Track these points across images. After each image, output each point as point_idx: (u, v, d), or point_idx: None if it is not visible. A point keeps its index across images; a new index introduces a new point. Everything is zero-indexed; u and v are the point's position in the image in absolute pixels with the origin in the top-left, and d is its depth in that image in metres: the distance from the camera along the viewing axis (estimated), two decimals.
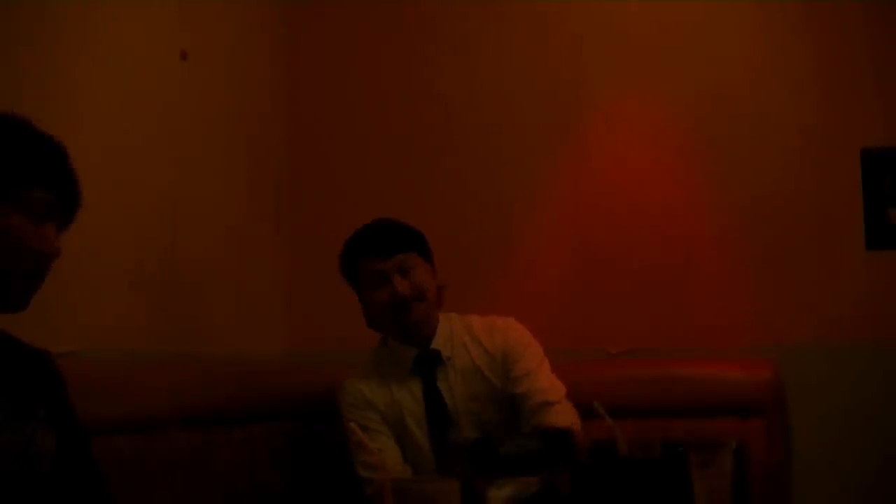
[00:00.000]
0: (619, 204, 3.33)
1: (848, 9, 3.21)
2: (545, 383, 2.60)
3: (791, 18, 3.28)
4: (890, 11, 3.18)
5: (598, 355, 3.25)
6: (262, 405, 2.78)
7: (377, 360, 2.69)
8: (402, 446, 2.63)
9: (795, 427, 3.11)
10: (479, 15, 3.49)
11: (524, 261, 3.39)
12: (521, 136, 3.43)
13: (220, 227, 3.15)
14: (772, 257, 3.23)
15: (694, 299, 3.26)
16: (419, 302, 2.58)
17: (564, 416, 2.53)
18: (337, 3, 3.62)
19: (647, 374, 3.11)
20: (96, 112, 2.61)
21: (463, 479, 1.85)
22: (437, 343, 2.64)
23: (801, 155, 3.23)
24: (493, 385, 2.62)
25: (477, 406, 2.61)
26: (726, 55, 3.32)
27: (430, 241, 2.79)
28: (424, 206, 3.34)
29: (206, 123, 3.08)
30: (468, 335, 2.67)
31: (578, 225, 3.36)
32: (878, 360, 3.08)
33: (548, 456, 2.11)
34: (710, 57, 3.32)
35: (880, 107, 3.17)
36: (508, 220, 3.41)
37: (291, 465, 2.80)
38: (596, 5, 3.42)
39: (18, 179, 1.53)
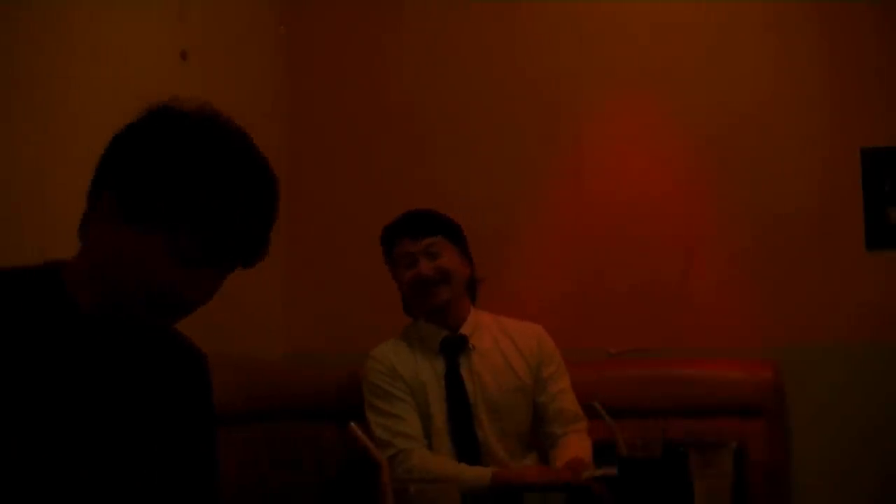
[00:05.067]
0: (620, 204, 3.34)
1: (849, 9, 3.21)
2: (576, 406, 2.74)
3: (791, 19, 3.28)
4: (890, 12, 3.18)
5: (598, 355, 3.25)
6: (262, 405, 2.78)
7: (406, 334, 2.78)
8: (423, 426, 2.68)
9: (795, 427, 3.11)
10: (480, 15, 3.49)
11: (525, 261, 3.39)
12: (521, 135, 3.43)
13: None
14: (772, 257, 3.23)
15: (694, 299, 3.26)
16: (443, 284, 2.68)
17: (586, 449, 2.67)
18: (336, 3, 3.62)
19: (647, 374, 3.12)
20: (96, 112, 2.61)
21: None
22: (465, 330, 2.74)
23: (801, 155, 3.24)
24: (519, 379, 2.72)
25: (498, 397, 2.69)
26: (726, 55, 3.32)
27: None
28: (424, 206, 3.33)
29: None
30: (500, 331, 2.78)
31: (579, 225, 3.36)
32: (878, 360, 3.08)
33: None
34: (709, 57, 3.33)
35: (881, 107, 3.18)
36: (509, 219, 3.41)
37: (291, 465, 2.80)
38: (596, 5, 3.42)
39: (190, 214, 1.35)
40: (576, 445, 2.66)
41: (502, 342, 2.78)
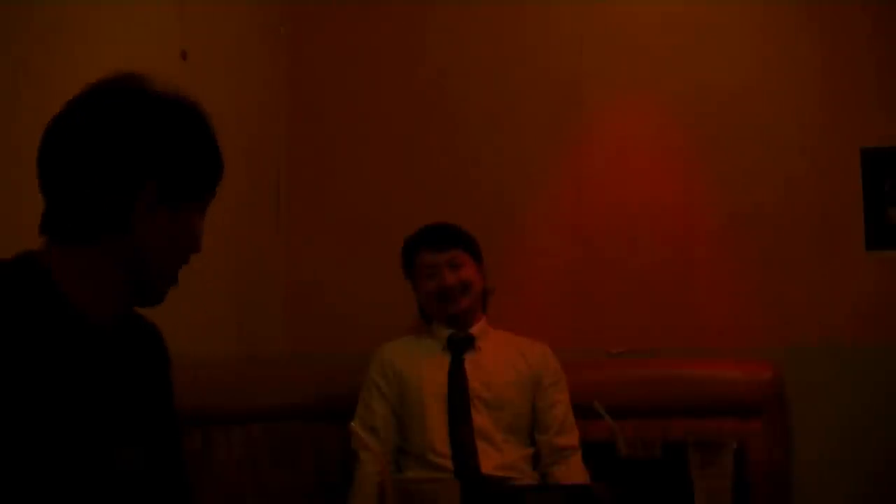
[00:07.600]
0: (620, 204, 3.33)
1: (849, 9, 3.21)
2: (572, 418, 2.83)
3: (791, 19, 3.28)
4: (890, 12, 3.18)
5: (598, 355, 3.25)
6: (262, 405, 2.78)
7: (418, 333, 2.93)
8: (414, 426, 2.75)
9: (795, 427, 3.11)
10: (481, 15, 3.49)
11: (525, 261, 3.38)
12: (521, 136, 3.43)
13: (219, 227, 3.14)
14: (772, 257, 3.23)
15: (694, 299, 3.26)
16: (464, 295, 2.83)
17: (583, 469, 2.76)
18: (337, 2, 3.62)
19: (647, 374, 3.12)
20: None
21: None
22: (475, 332, 2.87)
23: (801, 155, 3.23)
24: (521, 376, 2.81)
25: (498, 387, 2.78)
26: (726, 55, 3.32)
27: None
28: (425, 207, 3.34)
29: None
30: (507, 341, 2.90)
31: (579, 225, 3.36)
32: (878, 360, 3.08)
33: None
34: (709, 57, 3.33)
35: (880, 107, 3.18)
36: (509, 219, 3.41)
37: (291, 465, 2.80)
38: (596, 6, 3.42)
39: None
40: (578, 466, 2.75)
41: (508, 348, 2.89)
